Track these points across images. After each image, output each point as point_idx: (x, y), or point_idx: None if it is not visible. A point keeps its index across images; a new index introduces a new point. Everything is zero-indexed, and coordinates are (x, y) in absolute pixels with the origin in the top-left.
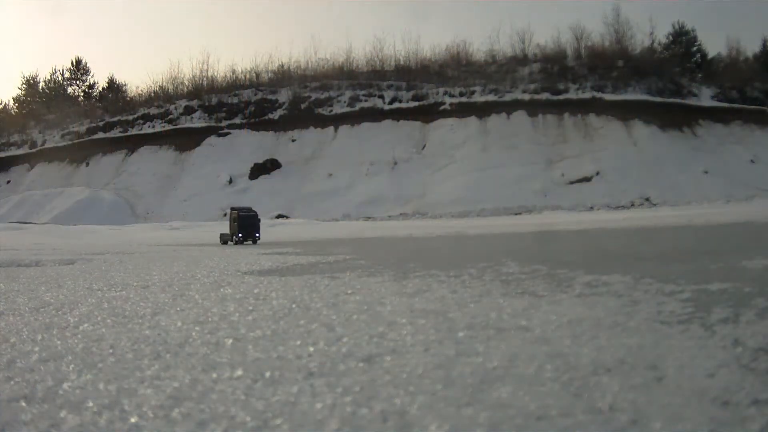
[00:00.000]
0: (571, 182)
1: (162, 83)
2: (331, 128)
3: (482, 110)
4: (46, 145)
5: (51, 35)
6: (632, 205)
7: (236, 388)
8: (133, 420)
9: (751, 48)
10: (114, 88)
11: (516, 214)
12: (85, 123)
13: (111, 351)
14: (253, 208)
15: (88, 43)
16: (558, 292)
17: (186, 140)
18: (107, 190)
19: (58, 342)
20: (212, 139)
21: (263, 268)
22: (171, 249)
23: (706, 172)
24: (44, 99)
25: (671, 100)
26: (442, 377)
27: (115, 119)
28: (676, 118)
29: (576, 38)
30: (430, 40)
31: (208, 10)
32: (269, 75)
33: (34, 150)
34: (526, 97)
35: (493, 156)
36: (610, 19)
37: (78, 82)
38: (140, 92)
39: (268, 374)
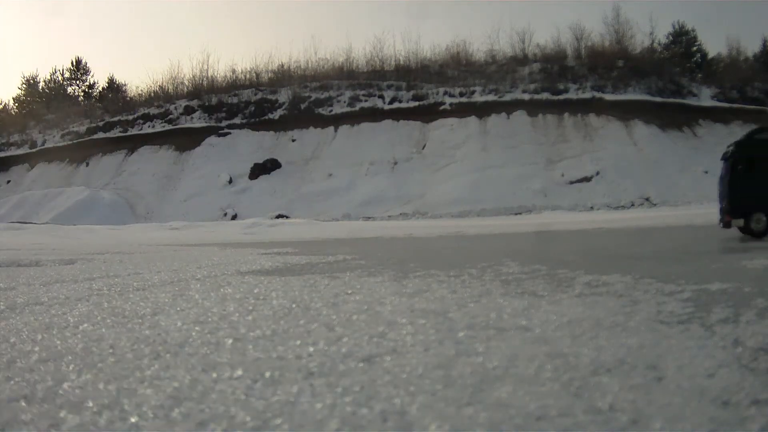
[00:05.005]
0: (571, 182)
1: (162, 83)
2: (331, 128)
3: (482, 110)
4: (46, 145)
5: (51, 35)
6: (632, 205)
7: (236, 388)
8: (133, 420)
9: (751, 48)
10: (114, 88)
11: (516, 214)
12: (85, 123)
13: (111, 351)
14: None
15: (88, 43)
16: (558, 292)
17: (186, 140)
18: (107, 190)
19: (58, 342)
20: (212, 139)
21: (263, 268)
22: (171, 249)
23: (706, 172)
24: (44, 99)
25: (671, 100)
26: (442, 377)
27: (115, 119)
28: (676, 118)
29: (576, 38)
30: (430, 40)
31: (208, 10)
32: (269, 75)
33: (34, 150)
34: (526, 97)
35: (493, 156)
36: (610, 19)
37: (78, 82)
38: (140, 92)
39: (268, 374)
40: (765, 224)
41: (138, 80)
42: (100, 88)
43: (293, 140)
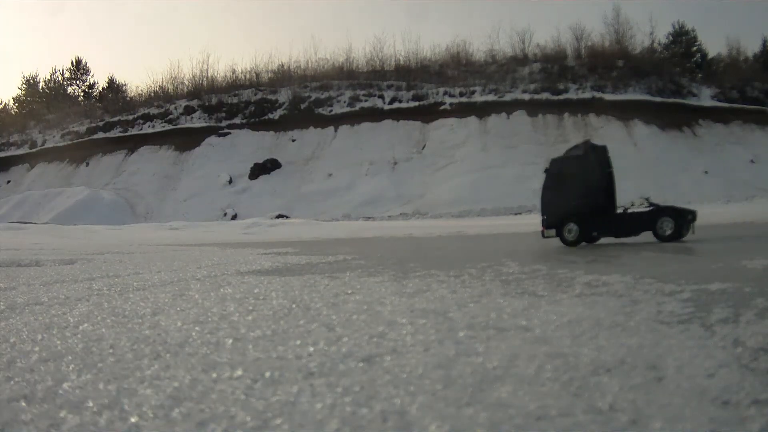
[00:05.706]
0: None
1: (162, 83)
2: (331, 128)
3: (482, 110)
4: (46, 145)
5: (51, 35)
6: (632, 205)
7: (236, 388)
8: (133, 420)
9: (751, 48)
10: (114, 88)
11: (516, 214)
12: (85, 123)
13: (111, 351)
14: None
15: (88, 43)
16: (558, 292)
17: (186, 140)
18: (107, 190)
19: (58, 342)
20: (212, 139)
21: (263, 268)
22: (171, 249)
23: (706, 172)
24: (44, 99)
25: (671, 100)
26: (442, 377)
27: (115, 119)
28: (676, 118)
29: (576, 38)
30: (430, 40)
31: (208, 10)
32: (269, 75)
33: (34, 150)
34: (526, 97)
35: (493, 156)
36: (610, 19)
37: (78, 82)
38: (140, 92)
39: (268, 374)
40: (576, 233)
41: (138, 80)
42: (100, 88)
43: (293, 140)
